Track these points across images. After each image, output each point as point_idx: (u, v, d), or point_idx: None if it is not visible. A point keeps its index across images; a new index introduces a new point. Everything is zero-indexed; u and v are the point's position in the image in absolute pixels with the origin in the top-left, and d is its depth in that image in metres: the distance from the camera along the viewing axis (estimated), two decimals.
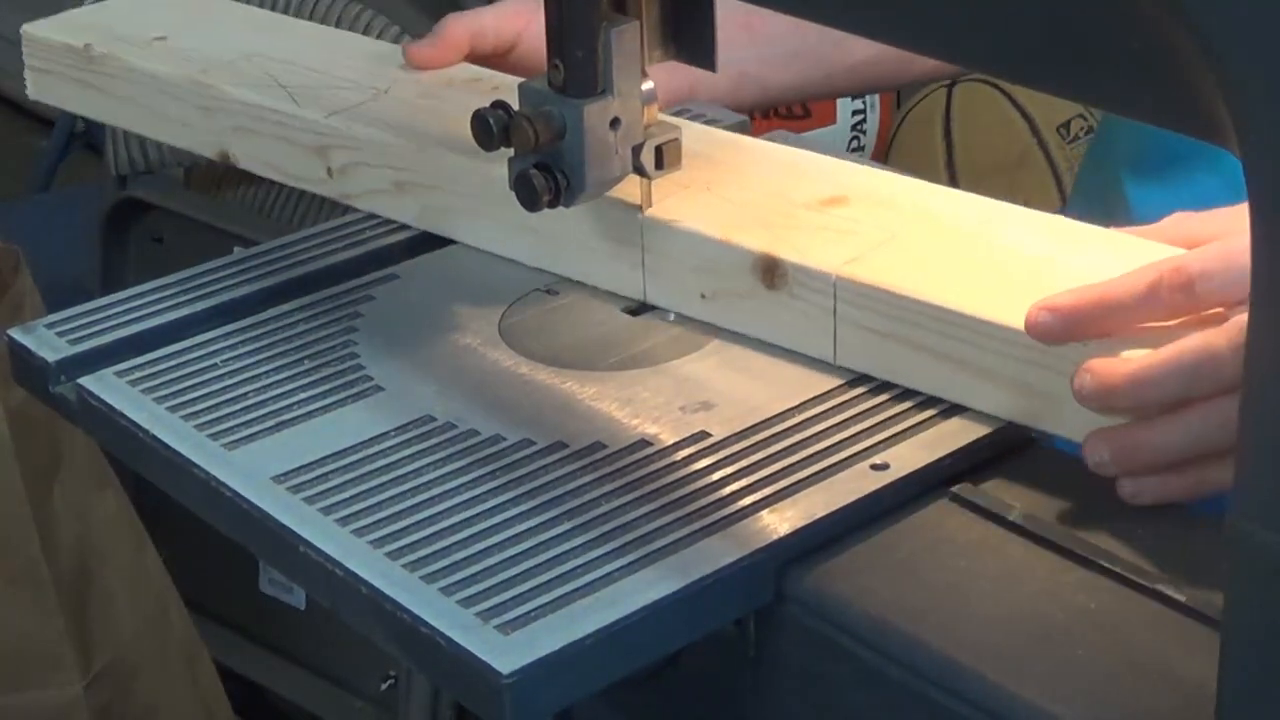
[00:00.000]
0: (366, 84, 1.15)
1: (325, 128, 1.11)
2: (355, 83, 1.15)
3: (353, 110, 1.12)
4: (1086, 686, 0.75)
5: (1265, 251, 0.56)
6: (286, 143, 1.13)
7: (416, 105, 1.12)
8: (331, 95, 1.14)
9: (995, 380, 0.88)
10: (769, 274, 0.95)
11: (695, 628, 0.81)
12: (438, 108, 1.11)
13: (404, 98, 1.13)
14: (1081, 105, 2.20)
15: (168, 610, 1.70)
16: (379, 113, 1.11)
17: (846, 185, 1.01)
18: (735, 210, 0.99)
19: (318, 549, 0.83)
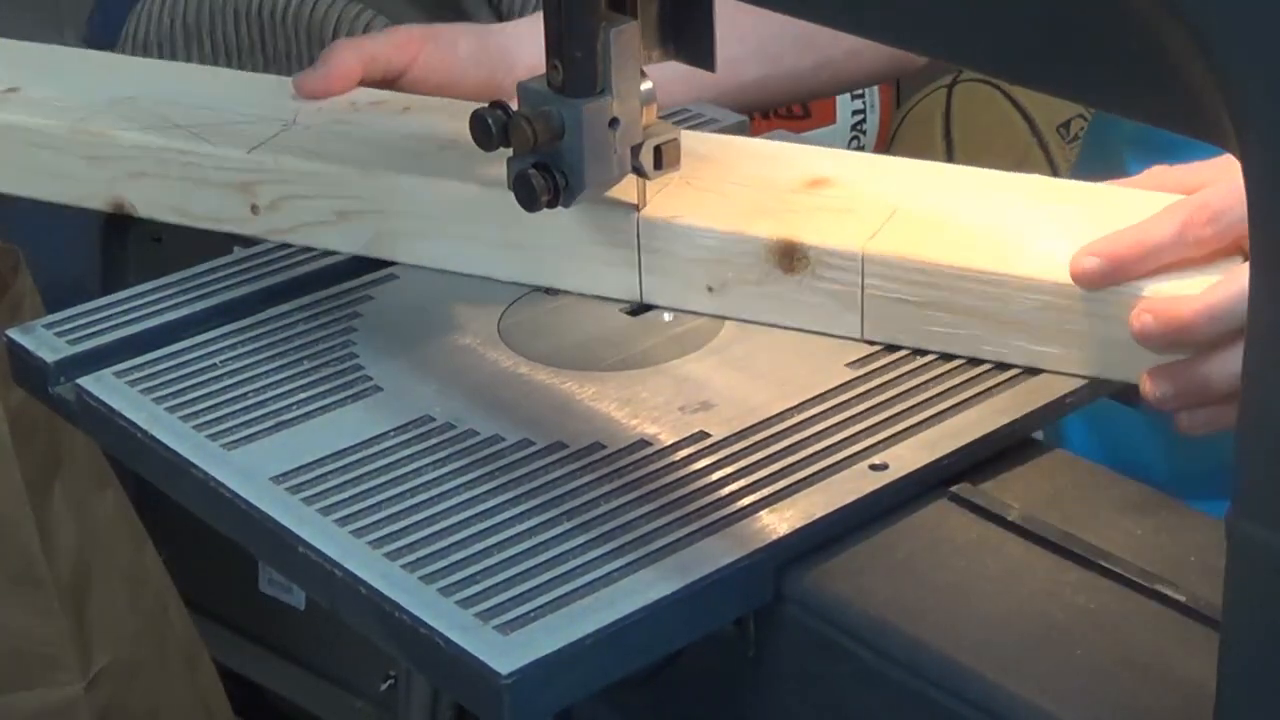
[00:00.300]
0: (269, 116, 1.11)
1: (249, 163, 1.07)
2: (255, 116, 1.11)
3: (274, 142, 1.08)
4: (1086, 686, 0.75)
5: (1265, 251, 0.56)
6: (200, 184, 1.08)
7: (337, 131, 1.10)
8: (239, 131, 1.10)
9: (1032, 332, 0.92)
10: (787, 258, 0.96)
11: (695, 628, 0.80)
12: (360, 132, 1.09)
13: (318, 125, 1.10)
14: (1081, 105, 2.20)
15: (168, 610, 1.70)
16: (304, 142, 1.08)
17: (822, 168, 1.03)
18: (728, 201, 1.00)
19: (317, 549, 0.83)
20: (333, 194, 1.05)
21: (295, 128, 1.10)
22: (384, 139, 1.08)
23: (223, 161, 1.07)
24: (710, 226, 0.98)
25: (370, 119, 1.11)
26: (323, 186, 1.06)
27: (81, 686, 1.58)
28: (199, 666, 1.75)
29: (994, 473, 0.88)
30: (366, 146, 1.07)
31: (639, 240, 0.99)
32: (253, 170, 1.07)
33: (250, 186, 1.07)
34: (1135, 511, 0.85)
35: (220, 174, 1.08)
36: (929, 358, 0.94)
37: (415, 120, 1.10)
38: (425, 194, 1.04)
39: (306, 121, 1.11)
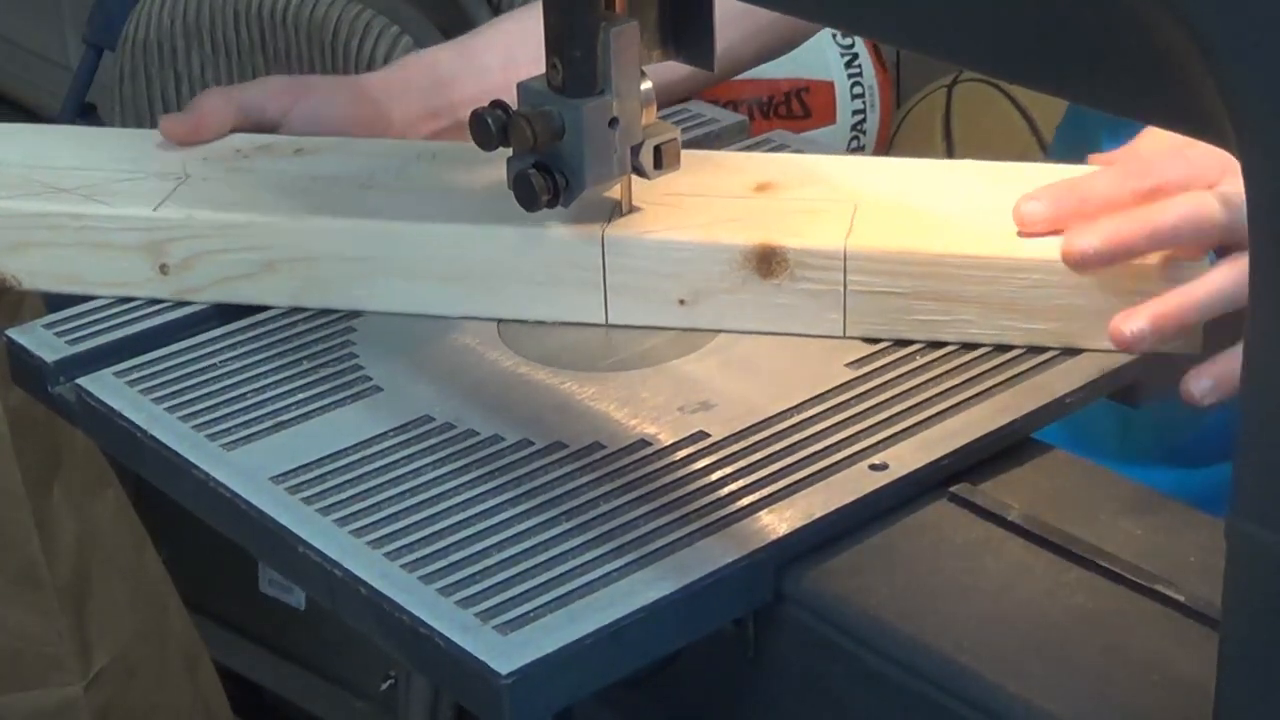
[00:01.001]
0: (155, 171, 1.06)
1: (157, 221, 1.01)
2: (141, 172, 1.05)
3: (177, 197, 1.03)
4: (1085, 686, 0.75)
5: (1264, 251, 0.56)
6: (98, 249, 1.02)
7: (240, 180, 1.05)
8: (131, 189, 1.04)
9: (1024, 312, 0.94)
10: (766, 263, 0.96)
11: (694, 628, 0.80)
12: (265, 178, 1.05)
13: (216, 176, 1.05)
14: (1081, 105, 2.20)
15: (168, 610, 1.70)
16: (210, 194, 1.03)
17: (766, 172, 1.03)
18: (689, 212, 0.99)
19: (317, 549, 0.83)
20: (257, 244, 1.00)
21: (192, 180, 1.05)
22: (295, 183, 1.04)
23: (126, 222, 1.01)
24: (685, 239, 0.97)
25: (268, 164, 1.06)
26: (246, 238, 1.00)
27: (81, 686, 1.58)
28: (199, 666, 1.74)
29: (994, 473, 0.88)
30: (280, 192, 1.03)
31: (604, 260, 0.97)
32: (161, 228, 1.01)
33: (159, 246, 1.01)
34: (1135, 511, 0.85)
35: (123, 236, 1.01)
36: (929, 358, 0.94)
37: (318, 161, 1.07)
38: (361, 235, 1.00)
39: (200, 173, 1.06)
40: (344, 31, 1.78)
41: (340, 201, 1.02)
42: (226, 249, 1.01)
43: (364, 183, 1.04)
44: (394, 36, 1.75)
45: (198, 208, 1.01)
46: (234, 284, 1.01)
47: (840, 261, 0.95)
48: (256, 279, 1.01)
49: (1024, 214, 0.94)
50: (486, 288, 0.99)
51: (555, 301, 0.99)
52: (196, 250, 1.01)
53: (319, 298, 1.01)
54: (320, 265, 1.00)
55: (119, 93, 1.99)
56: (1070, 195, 0.94)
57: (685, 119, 1.19)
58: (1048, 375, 0.93)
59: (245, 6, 1.87)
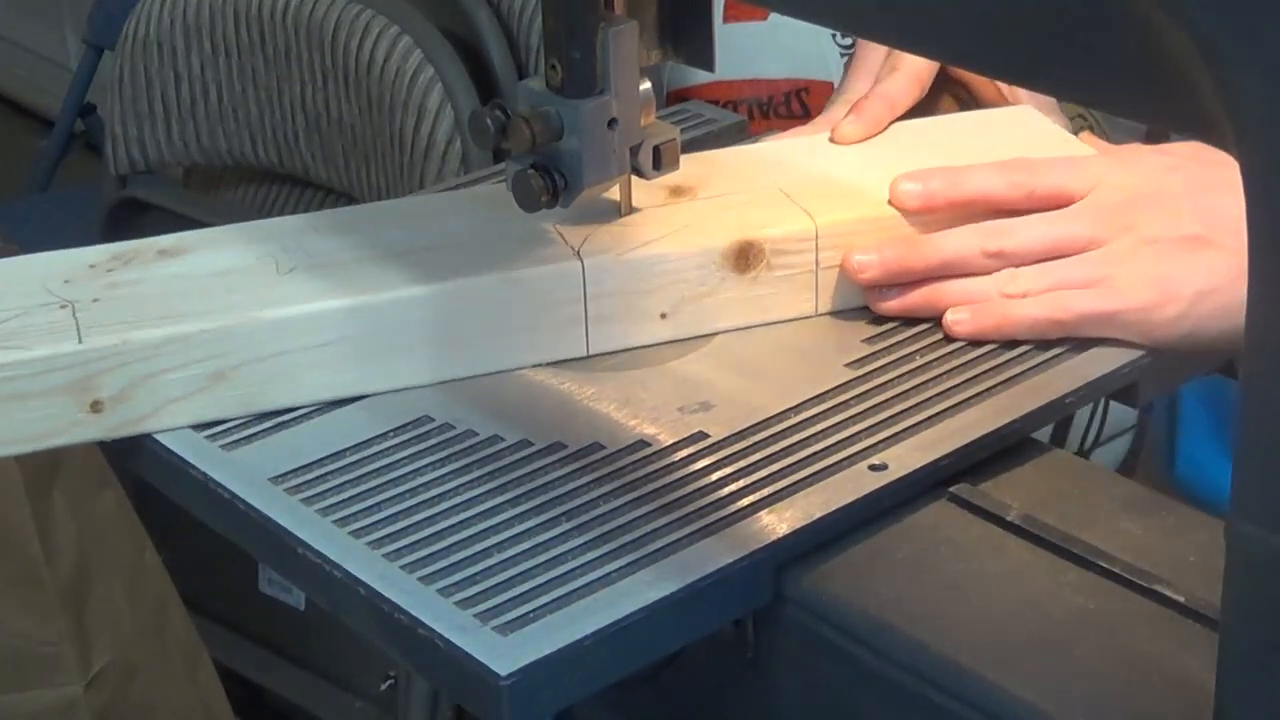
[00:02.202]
0: (31, 304, 0.92)
1: (85, 355, 0.88)
2: (10, 309, 0.92)
3: (92, 322, 0.90)
4: (1085, 686, 0.75)
5: (1264, 252, 0.56)
6: (12, 402, 0.88)
7: (139, 293, 0.93)
8: (23, 327, 0.90)
9: None
10: (743, 259, 0.97)
11: (694, 628, 0.80)
12: (169, 286, 0.94)
13: (105, 295, 0.93)
14: (1081, 105, 2.20)
15: (168, 610, 1.70)
16: (122, 313, 0.91)
17: (670, 177, 1.00)
18: (644, 225, 0.98)
19: (316, 550, 0.82)
20: (207, 354, 0.90)
21: (83, 305, 0.92)
22: (205, 284, 0.94)
23: (50, 363, 0.88)
24: (665, 250, 0.96)
25: (153, 270, 0.95)
26: (193, 350, 0.90)
27: (81, 686, 1.58)
28: (199, 666, 1.74)
29: (993, 473, 0.88)
30: (198, 296, 0.93)
31: (585, 289, 0.95)
32: (91, 360, 0.88)
33: (88, 381, 0.89)
34: (1135, 511, 0.85)
35: (45, 380, 0.88)
36: (929, 358, 0.94)
37: (201, 259, 0.96)
38: (326, 319, 0.91)
39: (80, 295, 0.92)
40: (344, 31, 1.78)
41: (275, 290, 0.92)
42: (169, 368, 0.90)
43: (276, 268, 0.95)
44: (394, 36, 1.75)
45: (125, 329, 0.90)
46: (180, 405, 0.91)
47: (813, 242, 0.97)
48: (207, 392, 0.91)
49: (899, 194, 0.99)
50: (466, 347, 0.94)
51: (536, 345, 0.95)
52: (134, 377, 0.89)
53: (272, 398, 0.92)
54: (274, 364, 0.91)
55: (119, 93, 1.99)
56: (947, 183, 0.99)
57: (684, 119, 1.19)
58: (1048, 375, 0.93)
59: (245, 6, 1.87)
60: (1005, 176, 0.98)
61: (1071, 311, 0.94)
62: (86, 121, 2.87)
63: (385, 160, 1.77)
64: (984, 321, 0.96)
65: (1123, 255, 0.94)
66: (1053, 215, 0.97)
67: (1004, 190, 0.98)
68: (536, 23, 1.75)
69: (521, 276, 0.94)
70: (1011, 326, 0.95)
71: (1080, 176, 0.98)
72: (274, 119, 1.89)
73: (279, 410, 0.92)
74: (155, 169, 2.00)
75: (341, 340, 0.92)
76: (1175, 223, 0.94)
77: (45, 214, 2.57)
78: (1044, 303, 0.95)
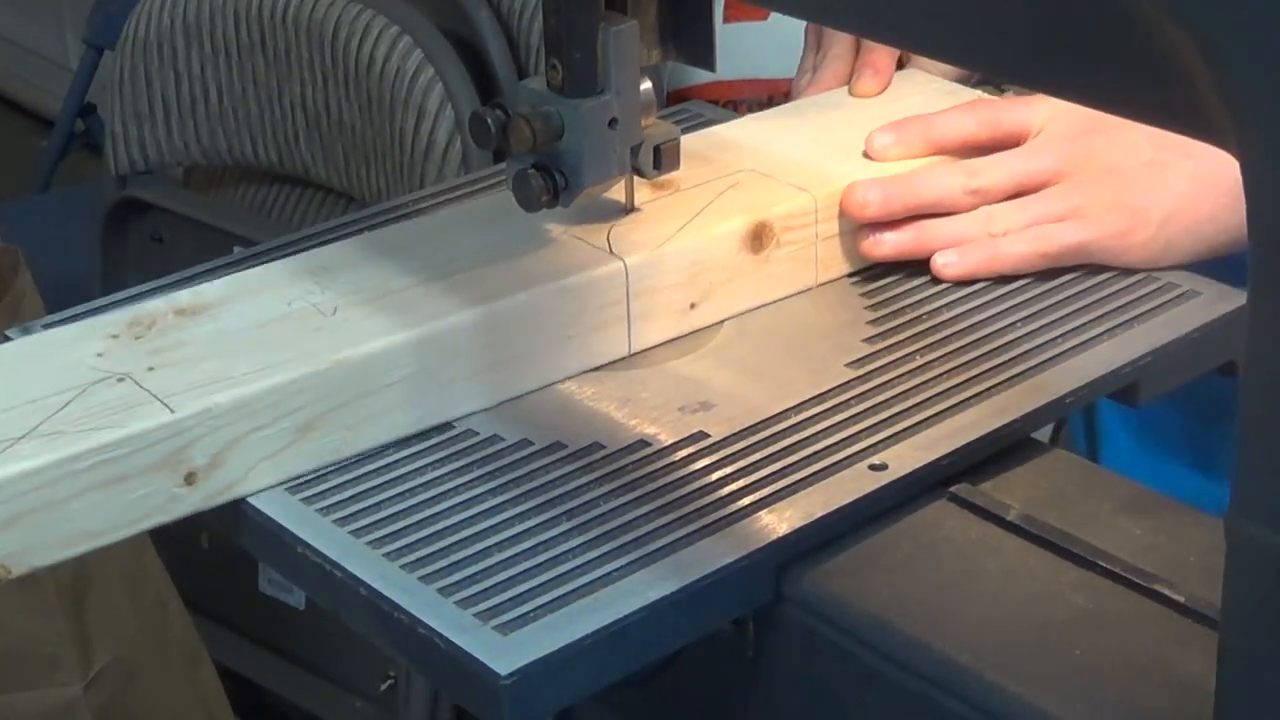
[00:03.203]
0: (84, 382, 0.87)
1: (179, 425, 0.83)
2: (73, 385, 0.86)
3: (180, 393, 0.85)
4: (1085, 686, 0.75)
5: (1264, 251, 0.56)
6: (112, 486, 0.83)
7: (194, 354, 0.89)
8: (105, 405, 0.85)
9: None
10: (758, 240, 0.99)
11: (694, 628, 0.80)
12: (220, 344, 0.90)
13: (160, 364, 0.88)
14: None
15: (168, 610, 1.70)
16: (188, 378, 0.86)
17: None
18: (657, 219, 0.98)
19: (317, 550, 0.82)
20: (292, 407, 0.86)
21: (141, 375, 0.87)
22: (255, 336, 0.90)
23: (147, 438, 0.83)
24: (693, 242, 0.97)
25: (192, 331, 0.91)
26: (281, 405, 0.86)
27: (81, 686, 1.58)
28: (199, 666, 1.75)
29: (993, 473, 0.88)
30: (257, 347, 0.89)
31: (628, 288, 0.95)
32: (184, 431, 0.84)
33: (181, 453, 0.84)
34: (1135, 511, 0.85)
35: (142, 457, 0.83)
36: (929, 357, 0.94)
37: (231, 313, 0.92)
38: (395, 355, 0.89)
39: (137, 366, 0.88)
40: (344, 31, 1.78)
41: (339, 332, 0.90)
42: (259, 425, 0.86)
43: (319, 311, 0.92)
44: (394, 36, 1.75)
45: (207, 393, 0.85)
46: (270, 464, 0.86)
47: (814, 215, 1.00)
48: (294, 447, 0.87)
49: (877, 146, 1.06)
50: (526, 362, 0.93)
51: (583, 351, 0.95)
52: (225, 441, 0.85)
53: (352, 444, 0.88)
54: (363, 404, 0.88)
55: (119, 93, 1.99)
56: (918, 130, 1.06)
57: (685, 119, 1.19)
58: (1048, 375, 0.93)
59: (245, 6, 1.87)
60: (973, 116, 1.06)
61: (1055, 243, 1.00)
62: (86, 121, 2.88)
63: (385, 160, 1.77)
64: (972, 260, 1.01)
65: (1089, 185, 1.01)
66: (1017, 151, 1.03)
67: (973, 129, 1.05)
68: (536, 23, 1.76)
69: (570, 285, 0.93)
70: (1000, 263, 1.01)
71: (1036, 111, 1.03)
72: (274, 119, 1.89)
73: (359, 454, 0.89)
74: (155, 169, 2.00)
75: (407, 378, 0.89)
76: (1132, 151, 1.00)
77: (45, 214, 2.57)
78: (1028, 238, 1.01)
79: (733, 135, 1.09)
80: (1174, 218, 1.00)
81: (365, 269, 0.95)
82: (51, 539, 0.83)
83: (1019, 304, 0.99)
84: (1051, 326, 0.97)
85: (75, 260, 2.10)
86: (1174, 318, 0.97)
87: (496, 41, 1.76)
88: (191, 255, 1.10)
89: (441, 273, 0.94)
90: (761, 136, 1.09)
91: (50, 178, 2.81)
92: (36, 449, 0.81)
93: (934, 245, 1.02)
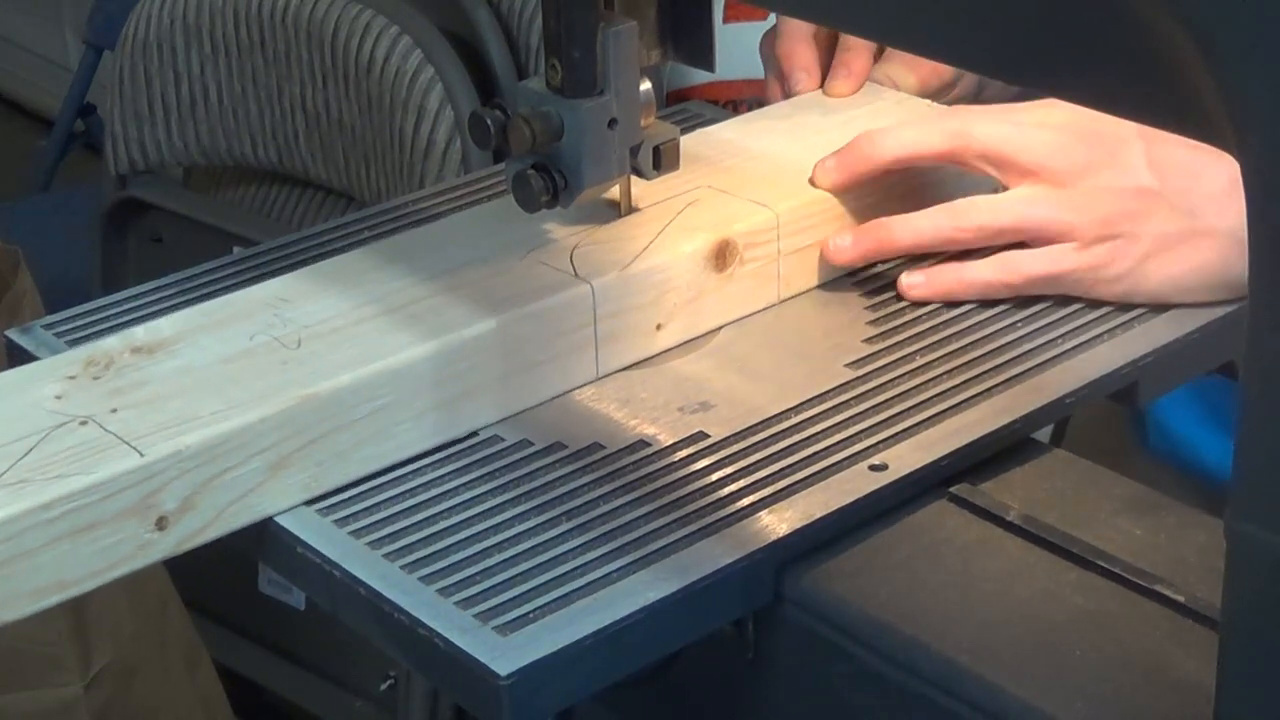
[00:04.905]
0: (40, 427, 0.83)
1: (150, 469, 0.81)
2: (34, 431, 0.83)
3: (146, 436, 0.82)
4: (1085, 686, 0.75)
5: (1264, 252, 0.56)
6: (83, 534, 0.80)
7: (153, 392, 0.86)
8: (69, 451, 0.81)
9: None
10: (721, 258, 0.97)
11: (694, 628, 0.80)
12: (180, 384, 0.86)
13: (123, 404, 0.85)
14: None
15: (168, 610, 1.70)
16: (153, 420, 0.83)
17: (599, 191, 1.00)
18: (624, 238, 0.97)
19: (316, 550, 0.82)
20: (261, 446, 0.84)
21: (104, 417, 0.84)
22: (217, 372, 0.87)
23: (117, 484, 0.80)
24: (660, 260, 0.95)
25: (152, 370, 0.88)
26: (252, 444, 0.83)
27: (81, 686, 1.58)
28: (199, 666, 1.75)
29: (993, 473, 0.88)
30: (231, 386, 0.86)
31: (595, 309, 0.93)
32: (155, 474, 0.81)
33: (151, 498, 0.81)
34: (1135, 511, 0.85)
35: (111, 504, 0.80)
36: (929, 357, 0.94)
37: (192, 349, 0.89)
38: (366, 385, 0.86)
39: (99, 408, 0.85)
40: (344, 31, 1.78)
41: (305, 367, 0.87)
42: (230, 466, 0.83)
43: (282, 344, 0.89)
44: (394, 36, 1.75)
45: (176, 435, 0.82)
46: (243, 504, 0.84)
47: (776, 231, 0.99)
48: (265, 487, 0.84)
49: (818, 176, 1.03)
50: (501, 387, 0.91)
51: (556, 372, 0.93)
52: (196, 483, 0.82)
53: (337, 475, 0.86)
54: (334, 439, 0.86)
55: (119, 93, 1.99)
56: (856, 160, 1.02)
57: (684, 119, 1.19)
58: (1048, 375, 0.93)
59: (245, 6, 1.87)
60: (941, 128, 1.01)
61: (1023, 274, 0.99)
62: (86, 121, 2.88)
63: (385, 160, 1.77)
64: (939, 284, 1.00)
65: (1082, 200, 0.97)
66: (1022, 196, 0.99)
67: (942, 143, 1.01)
68: (536, 23, 1.76)
69: (537, 310, 0.91)
70: (966, 289, 1.00)
71: (1017, 118, 1.00)
72: (274, 119, 1.89)
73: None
74: (155, 169, 2.00)
75: (380, 409, 0.87)
76: (1132, 172, 0.96)
77: (45, 214, 2.57)
78: (996, 266, 0.99)
79: (695, 149, 1.06)
80: (1152, 257, 0.96)
81: (324, 299, 0.93)
82: (22, 591, 0.79)
83: (1019, 304, 0.99)
84: (1051, 327, 0.97)
85: (75, 260, 2.10)
86: (1174, 318, 0.97)
87: (496, 41, 1.76)
88: (191, 255, 1.10)
89: (399, 302, 0.92)
90: (715, 149, 1.07)
91: (50, 178, 2.81)
92: (3, 499, 0.78)
93: (899, 245, 1.01)
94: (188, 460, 0.82)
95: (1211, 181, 0.95)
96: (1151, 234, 0.96)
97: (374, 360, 0.87)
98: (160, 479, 0.81)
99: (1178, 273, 0.96)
